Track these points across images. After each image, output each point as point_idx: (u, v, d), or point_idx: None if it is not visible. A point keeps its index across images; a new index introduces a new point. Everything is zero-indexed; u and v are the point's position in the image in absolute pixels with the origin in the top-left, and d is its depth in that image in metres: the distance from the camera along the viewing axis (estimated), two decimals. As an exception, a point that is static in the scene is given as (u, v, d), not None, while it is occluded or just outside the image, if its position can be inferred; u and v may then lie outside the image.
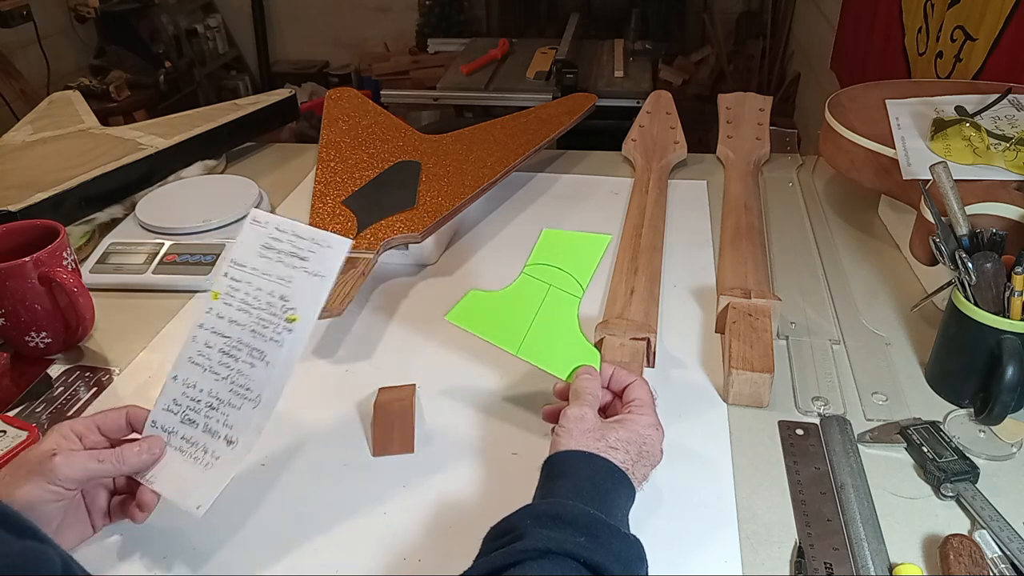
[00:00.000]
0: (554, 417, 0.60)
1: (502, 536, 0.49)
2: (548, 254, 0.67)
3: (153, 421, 0.59)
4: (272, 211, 1.09)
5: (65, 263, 0.77)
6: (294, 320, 0.58)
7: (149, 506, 0.57)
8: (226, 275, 0.61)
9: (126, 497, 0.59)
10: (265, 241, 0.60)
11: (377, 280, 0.93)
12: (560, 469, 0.54)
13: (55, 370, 0.79)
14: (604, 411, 0.62)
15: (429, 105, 2.50)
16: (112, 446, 0.57)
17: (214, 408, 0.58)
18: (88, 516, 0.58)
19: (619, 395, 0.62)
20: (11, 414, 0.72)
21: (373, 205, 0.94)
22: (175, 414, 0.59)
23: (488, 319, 0.66)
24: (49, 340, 0.79)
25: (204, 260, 0.92)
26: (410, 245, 0.91)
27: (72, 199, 0.98)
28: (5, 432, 0.65)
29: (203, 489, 0.56)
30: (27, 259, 0.74)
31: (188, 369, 0.60)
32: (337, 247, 0.59)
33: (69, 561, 0.42)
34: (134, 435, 0.60)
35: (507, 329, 0.65)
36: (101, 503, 0.58)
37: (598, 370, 0.62)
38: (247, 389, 0.58)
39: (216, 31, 3.75)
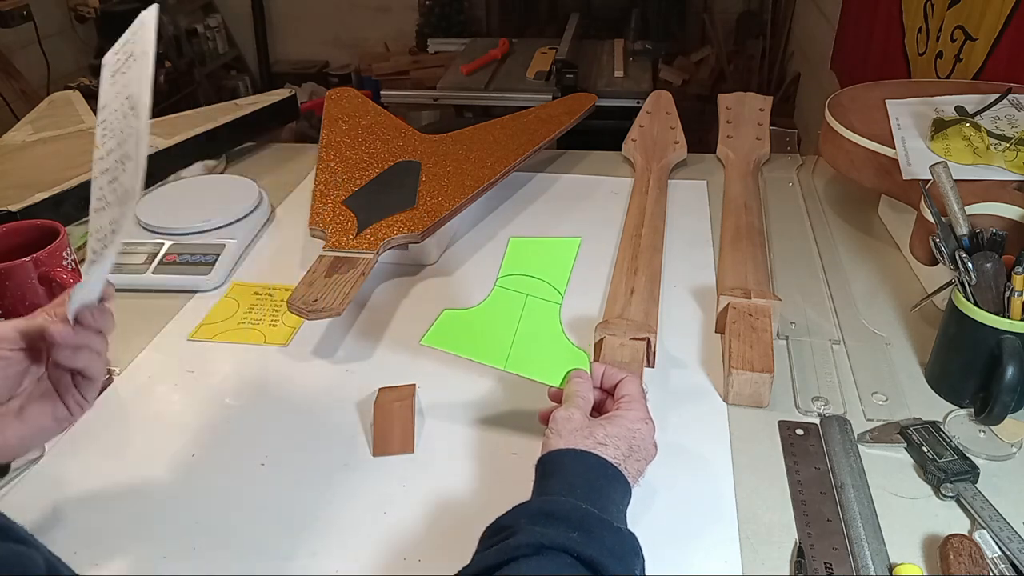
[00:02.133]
0: (548, 420, 0.61)
1: (497, 534, 0.49)
2: (519, 264, 0.65)
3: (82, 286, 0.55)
4: (272, 211, 1.09)
5: (65, 263, 0.77)
6: (135, 107, 0.53)
7: (94, 376, 0.54)
8: (97, 125, 0.57)
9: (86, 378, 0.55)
10: (109, 71, 0.57)
11: (377, 280, 0.93)
12: (552, 468, 0.54)
13: (55, 370, 0.79)
14: (599, 410, 0.62)
15: (429, 105, 2.50)
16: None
17: (116, 224, 0.54)
18: (58, 398, 0.54)
19: (612, 393, 0.63)
20: (11, 414, 0.72)
21: (373, 205, 0.94)
22: (95, 262, 0.54)
23: (468, 337, 0.64)
24: (49, 340, 0.79)
25: (204, 260, 0.92)
26: (410, 245, 0.91)
27: (72, 199, 0.97)
28: None
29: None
30: (27, 259, 0.74)
31: (95, 219, 0.55)
32: (145, 16, 0.56)
33: (55, 563, 0.42)
34: None
35: (490, 345, 0.64)
36: (67, 382, 0.54)
37: (588, 372, 0.63)
38: (127, 192, 0.53)
39: (216, 31, 3.75)
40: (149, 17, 0.55)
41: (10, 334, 0.52)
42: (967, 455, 0.63)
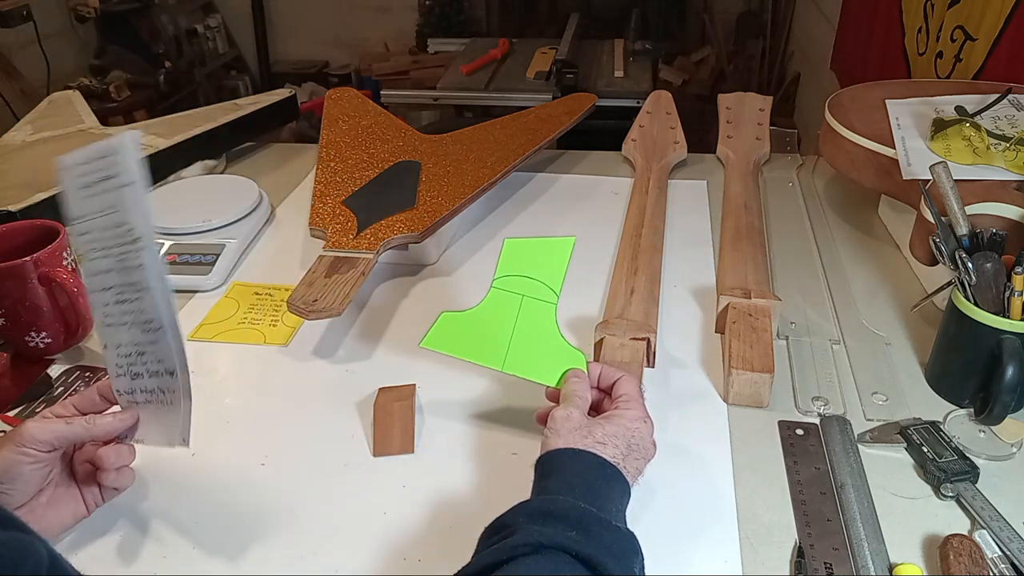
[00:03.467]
0: (546, 420, 0.61)
1: (496, 533, 0.49)
2: (514, 264, 0.65)
3: (117, 391, 0.60)
4: (272, 211, 1.09)
5: (65, 263, 0.77)
6: (137, 239, 0.56)
7: (102, 461, 0.57)
8: (75, 235, 0.58)
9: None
10: (79, 182, 0.57)
11: (377, 280, 0.93)
12: (550, 468, 0.54)
13: (55, 370, 0.79)
14: (597, 409, 0.62)
15: (429, 105, 2.50)
16: None
17: (143, 353, 0.58)
18: (79, 493, 0.59)
19: (609, 392, 0.63)
20: (11, 414, 0.72)
21: (373, 205, 0.94)
22: (124, 375, 0.59)
23: (466, 339, 0.65)
24: (49, 340, 0.79)
25: (204, 260, 0.92)
26: (410, 245, 0.91)
27: (72, 199, 0.97)
28: (5, 432, 0.65)
29: (179, 424, 0.58)
30: (27, 259, 0.74)
31: (107, 333, 0.59)
32: (126, 146, 0.55)
33: (57, 557, 0.42)
34: (114, 408, 0.61)
35: (487, 347, 0.64)
36: (92, 482, 0.59)
37: (586, 372, 0.63)
38: (149, 321, 0.57)
39: (216, 31, 3.75)
40: (128, 143, 0.55)
41: (46, 437, 0.54)
42: (967, 455, 0.63)
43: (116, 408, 0.60)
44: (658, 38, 3.17)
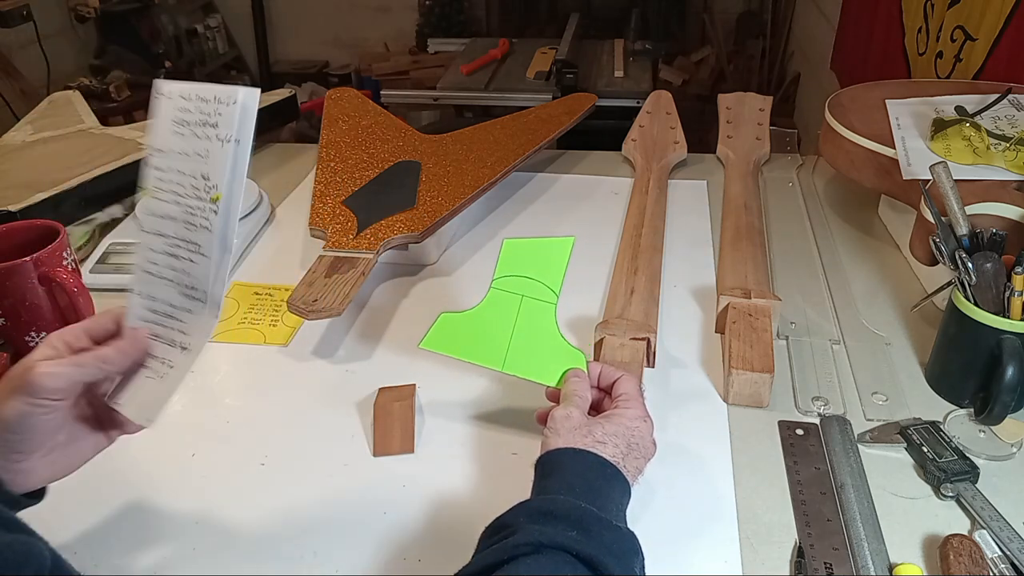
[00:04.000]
0: (546, 420, 0.61)
1: (496, 533, 0.49)
2: (513, 265, 0.65)
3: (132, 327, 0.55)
4: (272, 211, 1.09)
5: (65, 263, 0.77)
6: (217, 199, 0.52)
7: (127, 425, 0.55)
8: (150, 166, 0.54)
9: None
10: (175, 115, 0.54)
11: (377, 280, 0.93)
12: (550, 467, 0.54)
13: (55, 370, 0.79)
14: (597, 409, 0.62)
15: (429, 105, 2.50)
16: None
17: (171, 316, 0.54)
18: (100, 423, 0.55)
19: (609, 392, 0.63)
20: (11, 414, 0.72)
21: (373, 205, 0.94)
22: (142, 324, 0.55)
23: (465, 340, 0.65)
24: (49, 340, 0.79)
25: (204, 260, 0.92)
26: (410, 245, 0.91)
27: (72, 199, 0.97)
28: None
29: (156, 401, 0.53)
30: (27, 259, 0.74)
31: (144, 280, 0.55)
32: (244, 99, 0.51)
33: (59, 559, 0.42)
34: None
35: (487, 347, 0.64)
36: (105, 413, 0.55)
37: (585, 371, 0.63)
38: (193, 289, 0.53)
39: (216, 31, 3.75)
40: (245, 99, 0.51)
41: (58, 384, 0.50)
42: (967, 455, 0.63)
43: None
44: (658, 38, 3.17)
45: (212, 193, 0.52)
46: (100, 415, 0.55)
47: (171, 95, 0.53)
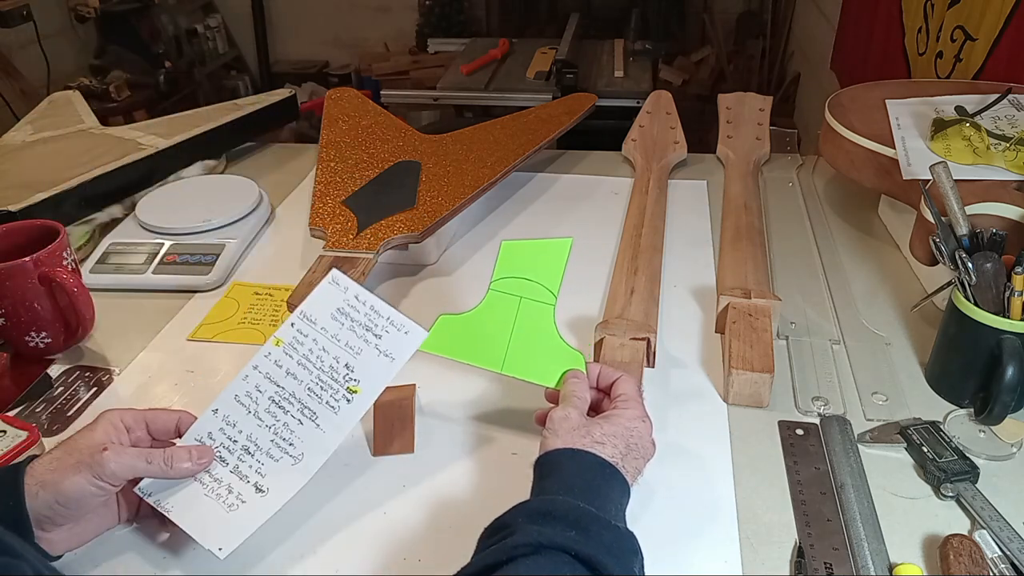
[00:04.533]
0: (544, 421, 0.61)
1: (496, 533, 0.49)
2: (512, 266, 0.65)
3: (197, 437, 0.59)
4: (272, 211, 1.09)
5: (65, 263, 0.77)
6: (355, 392, 0.59)
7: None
8: (292, 325, 0.60)
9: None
10: (340, 305, 0.60)
11: (377, 280, 0.93)
12: (549, 468, 0.54)
13: (55, 370, 0.79)
14: (596, 409, 0.62)
15: (429, 105, 2.50)
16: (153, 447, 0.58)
17: (250, 453, 0.58)
18: (116, 507, 0.58)
19: (608, 392, 0.63)
20: (11, 414, 0.72)
21: (373, 205, 0.94)
22: (211, 444, 0.58)
23: (464, 342, 0.65)
24: (49, 340, 0.79)
25: (204, 260, 0.92)
26: (410, 245, 0.91)
27: (72, 199, 0.97)
28: (5, 432, 0.65)
29: (225, 531, 0.55)
30: (27, 259, 0.74)
31: (232, 407, 0.59)
32: (413, 335, 0.60)
33: (44, 573, 0.43)
34: (176, 440, 0.60)
35: (486, 349, 0.64)
36: (131, 496, 0.58)
37: (584, 372, 0.63)
38: (290, 444, 0.58)
39: (216, 31, 3.75)
40: (416, 339, 0.59)
41: (124, 474, 0.54)
42: (967, 455, 0.63)
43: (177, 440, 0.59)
44: (658, 38, 3.17)
45: (351, 384, 0.59)
46: (121, 498, 0.58)
47: (346, 289, 0.61)
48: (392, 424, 0.68)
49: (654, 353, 0.76)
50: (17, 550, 0.44)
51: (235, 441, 0.58)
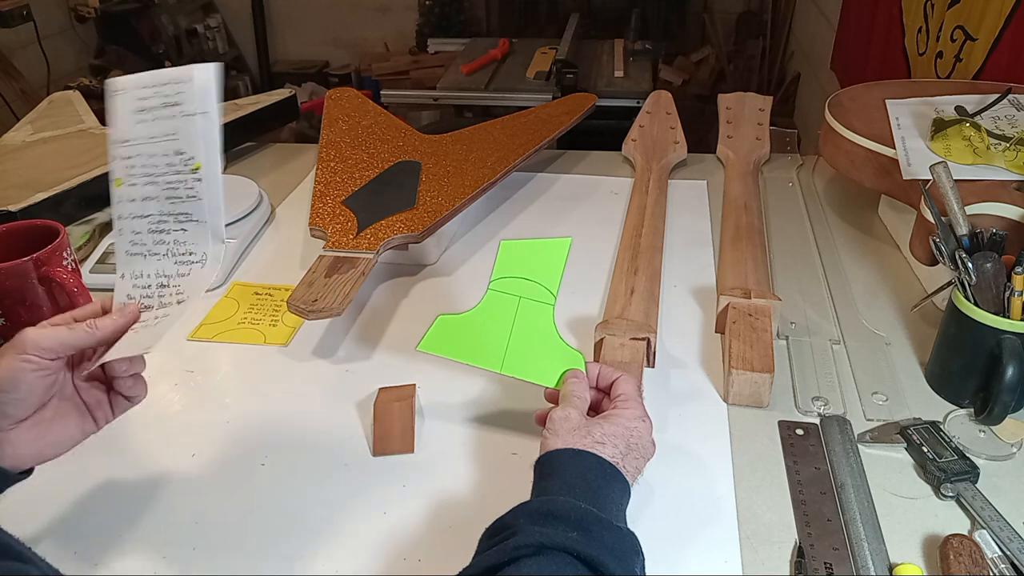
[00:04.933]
0: (544, 421, 0.61)
1: (497, 534, 0.49)
2: (511, 266, 0.65)
3: (120, 301, 0.58)
4: (272, 211, 1.09)
5: (65, 263, 0.77)
6: (198, 168, 0.56)
7: (134, 398, 0.57)
8: (116, 159, 0.58)
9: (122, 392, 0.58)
10: (134, 105, 0.58)
11: (377, 280, 0.93)
12: (550, 468, 0.54)
13: (55, 370, 0.79)
14: (596, 409, 0.62)
15: (429, 105, 2.50)
16: None
17: (165, 286, 0.57)
18: (88, 410, 0.56)
19: (608, 392, 0.63)
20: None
21: (373, 205, 0.94)
22: (133, 302, 0.57)
23: (463, 342, 0.65)
24: (49, 340, 0.79)
25: (204, 260, 0.92)
26: (410, 245, 0.91)
27: (72, 199, 0.97)
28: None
29: (153, 335, 0.55)
30: (27, 259, 0.74)
31: (128, 262, 0.58)
32: (199, 76, 0.56)
33: None
34: None
35: (485, 349, 0.64)
36: (98, 395, 0.57)
37: (584, 372, 0.63)
38: (191, 254, 0.57)
39: (216, 31, 3.75)
40: (199, 75, 0.56)
41: (48, 343, 0.52)
42: (967, 455, 0.63)
43: None
44: (658, 38, 3.17)
45: (191, 164, 0.55)
46: (87, 400, 0.56)
47: (127, 88, 0.57)
48: (392, 424, 0.68)
49: (654, 353, 0.76)
50: (25, 555, 0.44)
51: (148, 286, 0.57)
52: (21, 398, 0.51)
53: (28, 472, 0.54)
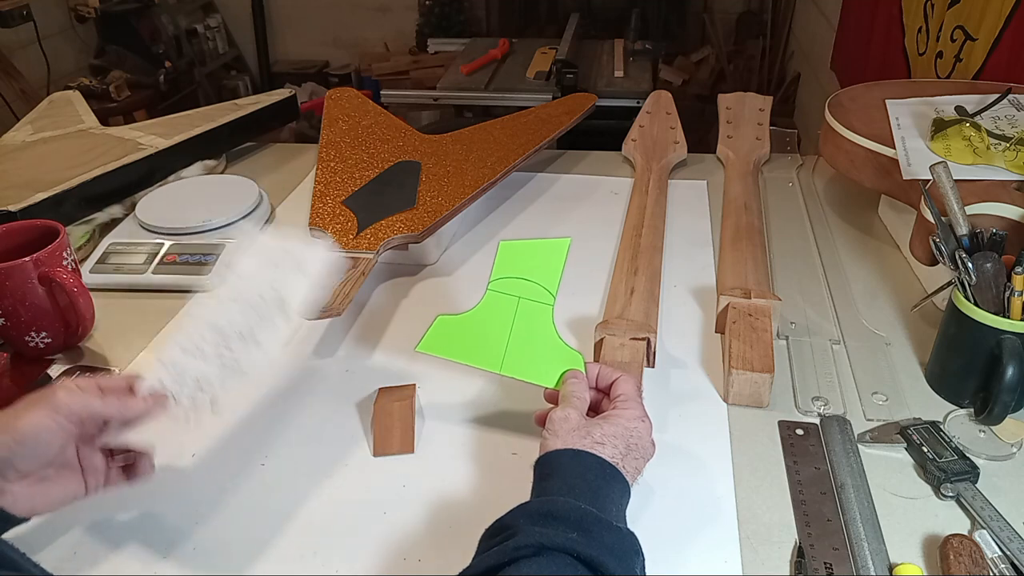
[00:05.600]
0: (544, 422, 0.61)
1: (497, 535, 0.49)
2: (510, 267, 0.65)
3: (151, 386, 0.58)
4: (272, 211, 1.09)
5: (65, 263, 0.77)
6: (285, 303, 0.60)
7: (139, 474, 0.58)
8: (224, 280, 0.61)
9: (124, 466, 0.58)
10: (264, 259, 0.63)
11: (377, 280, 0.93)
12: (550, 468, 0.54)
13: (55, 370, 0.79)
14: (595, 409, 0.62)
15: (429, 105, 2.50)
16: None
17: (202, 389, 0.58)
18: (82, 474, 0.56)
19: (607, 392, 0.63)
20: (11, 414, 0.72)
21: (373, 205, 0.94)
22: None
23: (462, 343, 0.65)
24: (49, 340, 0.79)
25: (204, 260, 0.92)
26: (410, 245, 0.91)
27: (72, 199, 0.97)
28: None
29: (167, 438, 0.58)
30: (27, 259, 0.74)
31: (179, 357, 0.59)
32: (317, 247, 0.63)
33: None
34: None
35: (485, 349, 0.64)
36: (96, 463, 0.57)
37: (583, 372, 0.63)
38: (238, 365, 0.59)
39: (216, 31, 3.75)
40: (324, 253, 0.64)
41: (78, 408, 0.53)
42: (967, 455, 0.63)
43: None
44: (658, 38, 3.17)
45: (279, 302, 0.61)
46: (86, 465, 0.56)
47: (261, 243, 0.64)
48: (392, 424, 0.68)
49: (654, 353, 0.76)
50: (19, 563, 0.44)
51: (184, 383, 0.58)
52: (36, 455, 0.52)
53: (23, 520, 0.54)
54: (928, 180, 0.74)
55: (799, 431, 0.68)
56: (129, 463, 0.58)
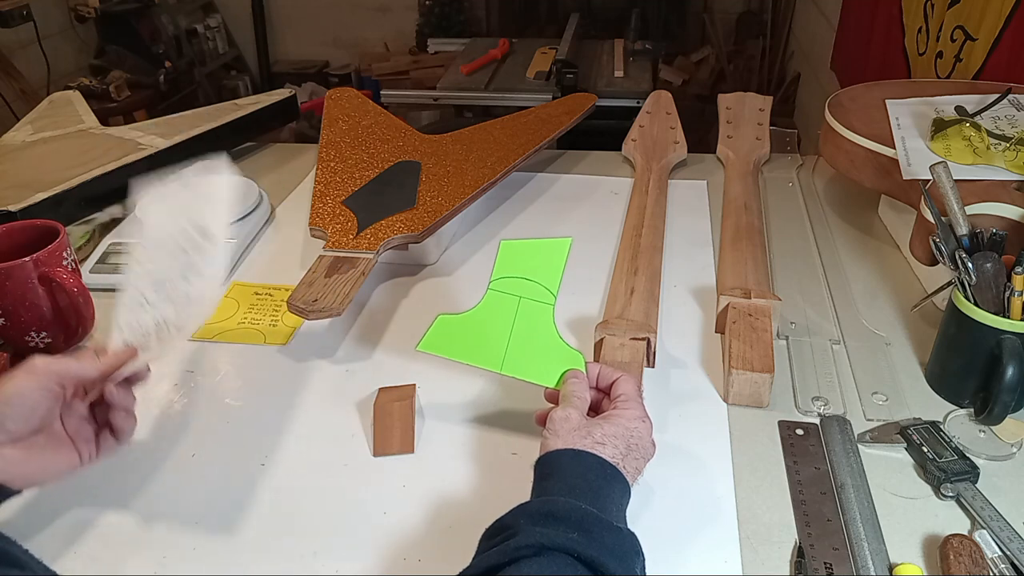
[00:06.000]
0: (544, 421, 0.61)
1: (497, 535, 0.49)
2: (511, 266, 0.65)
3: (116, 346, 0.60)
4: (272, 211, 1.09)
5: (65, 263, 0.77)
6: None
7: (123, 432, 0.58)
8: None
9: (112, 429, 0.59)
10: (168, 205, 0.65)
11: (377, 280, 0.93)
12: (551, 468, 0.54)
13: (55, 370, 0.79)
14: (596, 409, 0.62)
15: (429, 105, 2.50)
16: None
17: (164, 329, 0.60)
18: (72, 444, 0.57)
19: (608, 392, 0.63)
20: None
21: (373, 205, 0.94)
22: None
23: (463, 342, 0.65)
24: (49, 340, 0.79)
25: (204, 260, 0.92)
26: (410, 245, 0.91)
27: (72, 199, 0.97)
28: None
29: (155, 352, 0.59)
30: (27, 259, 0.74)
31: (128, 317, 0.60)
32: (219, 169, 0.67)
33: None
34: None
35: (485, 349, 0.64)
36: (85, 433, 0.58)
37: (584, 372, 0.63)
38: (187, 296, 0.61)
39: (216, 31, 3.75)
40: (228, 174, 0.68)
41: (56, 367, 0.55)
42: (967, 455, 0.63)
43: None
44: (658, 38, 3.17)
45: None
46: (76, 436, 0.57)
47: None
48: (392, 424, 0.68)
49: (654, 353, 0.76)
50: (23, 560, 0.44)
51: (148, 332, 0.60)
52: (23, 414, 0.53)
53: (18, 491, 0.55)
54: (928, 180, 0.74)
55: (799, 431, 0.68)
56: (120, 421, 0.59)
